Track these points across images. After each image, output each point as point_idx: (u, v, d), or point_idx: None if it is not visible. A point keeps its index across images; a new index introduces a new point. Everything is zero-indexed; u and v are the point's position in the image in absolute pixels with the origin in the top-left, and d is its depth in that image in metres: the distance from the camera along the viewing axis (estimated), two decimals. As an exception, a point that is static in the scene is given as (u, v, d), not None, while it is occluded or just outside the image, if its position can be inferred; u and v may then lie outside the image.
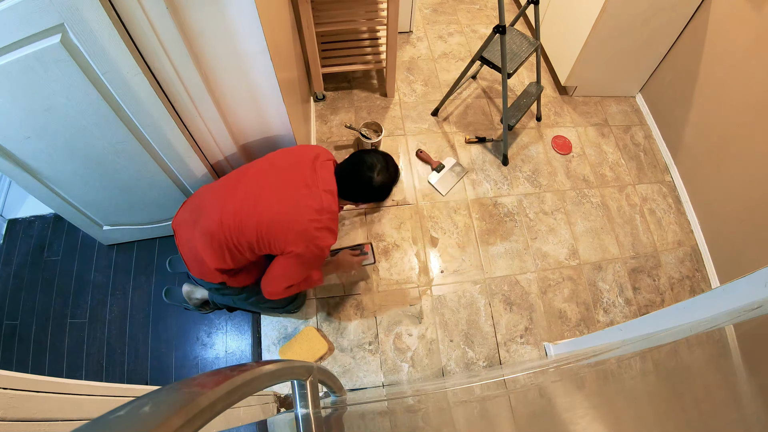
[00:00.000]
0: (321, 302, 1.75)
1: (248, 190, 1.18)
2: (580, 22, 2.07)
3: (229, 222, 1.15)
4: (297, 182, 1.17)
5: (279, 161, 1.24)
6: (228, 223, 1.15)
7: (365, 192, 1.22)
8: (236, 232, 1.16)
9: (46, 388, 0.55)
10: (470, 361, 1.69)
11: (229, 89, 1.20)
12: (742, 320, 0.73)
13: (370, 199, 1.27)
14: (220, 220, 1.16)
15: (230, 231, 1.16)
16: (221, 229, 1.16)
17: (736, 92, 1.80)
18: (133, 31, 0.94)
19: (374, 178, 1.20)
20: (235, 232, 1.16)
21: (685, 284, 1.95)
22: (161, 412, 0.30)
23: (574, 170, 2.19)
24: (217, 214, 1.17)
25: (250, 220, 1.15)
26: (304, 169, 1.19)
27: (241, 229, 1.15)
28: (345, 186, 1.22)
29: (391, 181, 1.25)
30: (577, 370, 1.07)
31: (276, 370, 0.51)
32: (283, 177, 1.19)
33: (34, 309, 1.74)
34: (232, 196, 1.19)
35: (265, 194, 1.16)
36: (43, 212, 1.94)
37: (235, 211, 1.16)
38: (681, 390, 0.67)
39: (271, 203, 1.15)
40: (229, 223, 1.15)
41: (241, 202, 1.16)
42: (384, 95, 2.35)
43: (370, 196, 1.24)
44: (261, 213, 1.14)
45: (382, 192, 1.24)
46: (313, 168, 1.20)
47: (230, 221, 1.15)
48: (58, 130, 1.13)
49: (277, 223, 1.14)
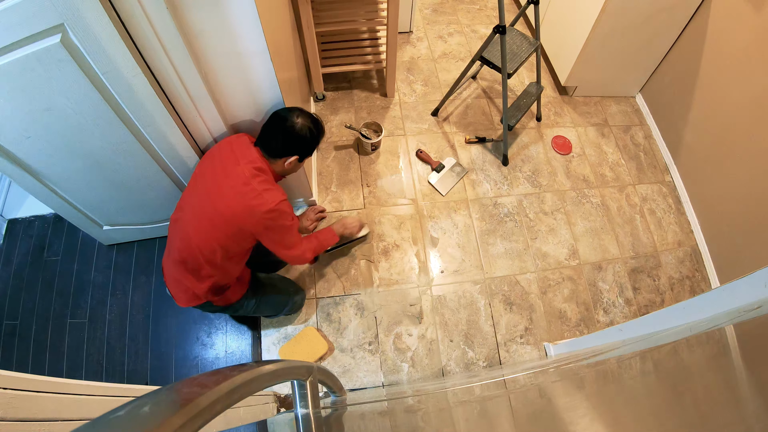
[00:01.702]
0: (321, 302, 1.75)
1: (194, 206, 1.19)
2: (581, 22, 2.07)
3: (194, 243, 1.17)
4: (222, 176, 1.16)
5: (205, 169, 1.22)
6: (194, 244, 1.17)
7: (293, 140, 1.20)
8: (205, 250, 1.17)
9: (45, 388, 0.55)
10: (470, 361, 1.69)
11: (229, 89, 1.20)
12: (742, 320, 0.73)
13: (302, 147, 1.23)
14: (187, 246, 1.19)
15: (199, 250, 1.18)
16: (191, 253, 1.18)
17: (736, 92, 1.80)
18: (133, 31, 0.94)
19: (295, 123, 1.18)
20: (204, 251, 1.17)
21: (685, 284, 1.95)
22: (161, 412, 0.30)
23: (574, 170, 2.19)
24: (179, 242, 1.21)
25: (208, 235, 1.16)
26: (225, 161, 1.19)
27: (206, 243, 1.17)
28: (272, 144, 1.20)
29: (313, 124, 1.23)
30: (577, 370, 1.07)
31: (276, 370, 0.51)
32: (211, 181, 1.18)
33: (34, 309, 1.74)
34: (184, 218, 1.21)
35: (206, 208, 1.16)
36: (43, 212, 1.94)
37: (192, 233, 1.18)
38: (681, 390, 0.67)
39: (215, 212, 1.15)
40: (195, 243, 1.17)
41: (195, 222, 1.18)
42: (384, 95, 2.35)
43: (299, 142, 1.21)
44: (212, 225, 1.16)
45: (310, 137, 1.22)
46: (231, 151, 1.19)
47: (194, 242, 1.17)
48: (58, 130, 1.13)
49: (230, 223, 1.15)
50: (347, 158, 2.12)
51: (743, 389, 0.58)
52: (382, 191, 2.04)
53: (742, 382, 0.60)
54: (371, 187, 2.04)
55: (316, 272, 1.81)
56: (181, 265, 1.21)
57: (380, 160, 2.13)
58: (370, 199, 2.01)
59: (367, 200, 2.00)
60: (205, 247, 1.17)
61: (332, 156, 2.13)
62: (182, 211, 1.22)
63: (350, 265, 1.83)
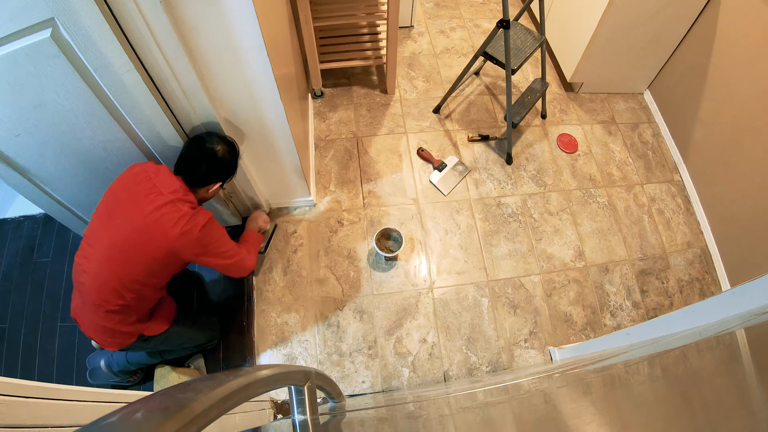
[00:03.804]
0: (321, 301, 1.75)
1: (113, 244, 1.15)
2: (587, 16, 2.07)
3: (113, 283, 1.15)
4: (145, 208, 1.14)
5: (120, 204, 1.19)
6: (113, 284, 1.15)
7: (217, 166, 1.23)
8: (129, 286, 1.16)
9: (35, 394, 0.55)
10: (473, 366, 1.69)
11: (224, 86, 1.20)
12: (754, 324, 0.73)
13: (225, 172, 1.27)
14: (107, 287, 1.15)
15: (122, 288, 1.16)
16: (112, 293, 1.16)
17: (747, 88, 1.80)
18: (125, 25, 0.94)
19: (216, 149, 1.22)
20: (128, 286, 1.16)
21: (694, 287, 1.95)
22: (154, 418, 0.30)
23: (580, 169, 2.19)
24: (98, 284, 1.16)
25: (132, 270, 1.15)
26: (143, 193, 1.16)
27: (129, 279, 1.16)
28: (196, 173, 1.21)
29: (231, 148, 1.27)
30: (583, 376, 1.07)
31: (273, 375, 0.51)
32: (132, 214, 1.15)
33: (24, 312, 1.74)
34: (98, 258, 1.16)
35: (128, 244, 1.14)
36: (32, 212, 1.94)
37: (110, 273, 1.15)
38: (690, 396, 0.67)
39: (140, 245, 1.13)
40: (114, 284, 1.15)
41: (113, 260, 1.15)
42: (384, 92, 2.35)
43: (223, 168, 1.25)
44: (136, 260, 1.14)
45: (231, 161, 1.26)
46: (149, 182, 1.17)
47: (113, 282, 1.15)
48: (48, 127, 1.13)
49: (163, 253, 1.14)
50: (346, 156, 2.13)
51: (755, 395, 0.58)
52: (383, 191, 2.04)
53: (753, 388, 0.60)
54: (371, 186, 2.05)
55: (313, 274, 1.81)
56: (100, 308, 1.17)
57: (380, 159, 2.13)
58: (369, 198, 2.01)
59: (367, 200, 2.01)
60: (128, 283, 1.16)
61: (331, 154, 2.13)
62: (94, 248, 1.17)
63: (349, 267, 1.84)
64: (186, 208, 1.16)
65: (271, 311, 1.74)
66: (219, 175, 1.26)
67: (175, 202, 1.15)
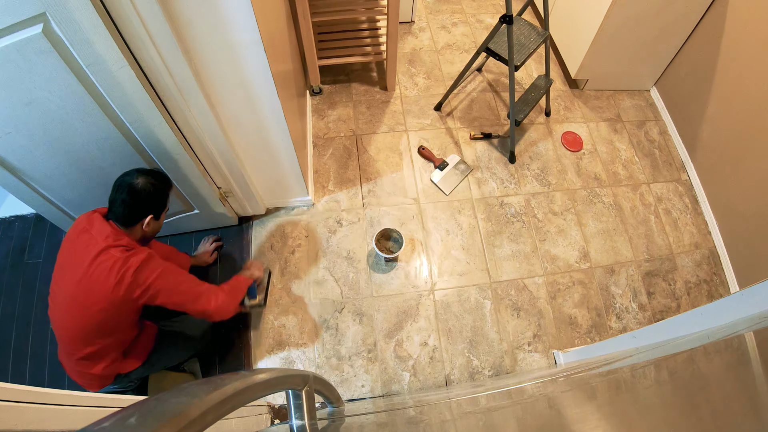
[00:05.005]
0: (320, 303, 1.75)
1: (66, 296, 1.19)
2: (592, 11, 2.07)
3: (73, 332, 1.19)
4: (85, 258, 1.15)
5: (67, 256, 1.22)
6: (74, 334, 1.19)
7: (139, 201, 1.21)
8: (90, 334, 1.19)
9: (26, 398, 0.55)
10: (475, 370, 1.69)
11: (220, 82, 1.20)
12: (763, 327, 0.73)
13: (151, 204, 1.24)
14: (69, 336, 1.20)
15: (84, 336, 1.19)
16: (72, 342, 1.20)
17: (756, 85, 1.80)
18: (118, 19, 0.94)
19: (135, 183, 1.19)
20: (90, 335, 1.19)
21: (702, 289, 1.95)
22: (148, 423, 0.30)
23: (585, 168, 2.19)
24: (61, 333, 1.22)
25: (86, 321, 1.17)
26: (83, 244, 1.18)
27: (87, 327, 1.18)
28: (121, 213, 1.21)
29: (155, 178, 1.24)
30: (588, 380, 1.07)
31: (270, 379, 0.51)
32: (75, 267, 1.17)
33: (14, 314, 1.74)
34: (59, 308, 1.20)
35: (78, 295, 1.16)
36: (23, 212, 1.94)
37: (70, 323, 1.18)
38: (698, 400, 0.67)
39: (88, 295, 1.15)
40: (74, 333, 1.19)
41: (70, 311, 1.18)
42: (384, 89, 2.35)
43: (146, 201, 1.22)
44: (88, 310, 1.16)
45: (155, 190, 1.23)
46: (87, 232, 1.19)
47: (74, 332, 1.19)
48: (39, 125, 1.13)
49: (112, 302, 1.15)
50: (345, 155, 2.13)
51: (764, 400, 0.59)
52: (383, 190, 2.04)
53: (763, 393, 0.60)
54: (371, 185, 2.05)
55: (311, 276, 1.81)
56: (72, 355, 1.21)
57: (380, 158, 2.13)
58: (369, 198, 2.01)
59: (367, 200, 2.01)
60: (91, 333, 1.18)
61: (329, 153, 2.13)
62: (54, 301, 1.22)
63: (348, 269, 1.84)
64: (118, 252, 1.15)
65: (268, 314, 1.74)
66: (145, 208, 1.23)
67: (107, 249, 1.15)
